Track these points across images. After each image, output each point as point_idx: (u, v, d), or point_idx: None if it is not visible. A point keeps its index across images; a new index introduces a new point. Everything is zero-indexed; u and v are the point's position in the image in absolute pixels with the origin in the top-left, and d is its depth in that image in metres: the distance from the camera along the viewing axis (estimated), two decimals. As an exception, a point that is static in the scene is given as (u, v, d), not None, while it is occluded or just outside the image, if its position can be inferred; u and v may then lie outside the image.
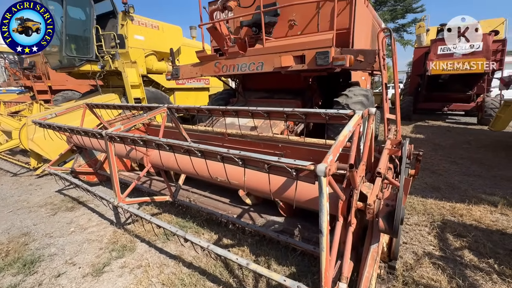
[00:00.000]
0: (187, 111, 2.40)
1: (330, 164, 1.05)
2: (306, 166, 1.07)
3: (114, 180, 2.06)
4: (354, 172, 1.20)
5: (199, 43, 9.10)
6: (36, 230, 2.68)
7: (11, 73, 11.41)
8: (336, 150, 1.16)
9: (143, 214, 2.00)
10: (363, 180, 1.50)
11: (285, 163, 1.11)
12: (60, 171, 3.40)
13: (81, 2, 5.80)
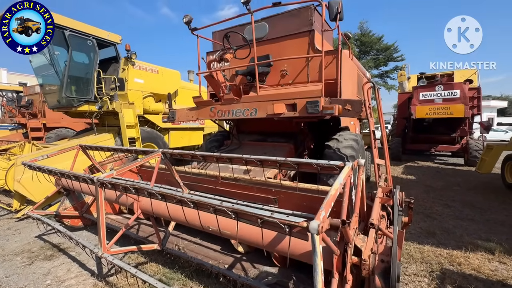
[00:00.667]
0: (182, 156, 2.43)
1: (322, 221, 1.06)
2: (299, 223, 1.07)
3: (101, 228, 1.97)
4: (347, 228, 1.20)
5: (196, 86, 9.55)
6: (8, 284, 2.45)
7: (7, 110, 11.50)
8: (328, 205, 1.17)
9: (128, 266, 1.88)
10: (356, 232, 1.49)
11: (278, 219, 1.11)
12: (43, 215, 3.25)
13: (86, 48, 6.17)
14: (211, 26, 3.85)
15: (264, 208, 2.35)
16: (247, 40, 3.57)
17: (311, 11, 3.87)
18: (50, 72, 6.09)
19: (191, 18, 3.54)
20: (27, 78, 38.00)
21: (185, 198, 1.43)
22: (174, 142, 7.95)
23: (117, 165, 4.04)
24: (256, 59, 3.27)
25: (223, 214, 1.33)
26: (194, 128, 8.72)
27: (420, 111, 8.68)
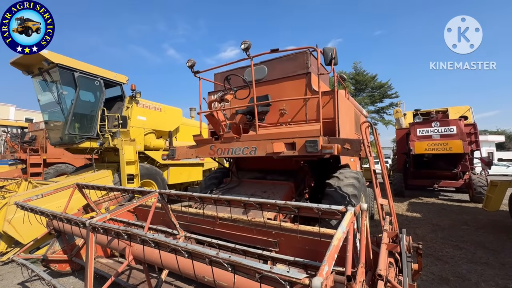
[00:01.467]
0: (179, 197, 2.37)
1: (326, 277, 0.97)
2: (300, 280, 0.99)
3: (88, 277, 1.83)
4: (354, 285, 1.11)
5: (197, 122, 9.77)
6: None
7: (10, 145, 11.61)
8: (331, 258, 1.09)
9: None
10: (364, 286, 1.37)
11: (277, 274, 1.03)
12: (29, 260, 3.05)
13: (93, 87, 6.45)
14: (213, 69, 4.06)
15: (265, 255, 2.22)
16: (247, 81, 3.74)
17: (307, 56, 4.12)
18: (56, 110, 6.29)
19: (194, 62, 3.75)
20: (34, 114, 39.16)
21: (179, 247, 1.35)
22: (174, 178, 7.87)
23: (112, 204, 3.93)
24: (255, 99, 3.38)
25: (219, 266, 1.24)
26: (193, 164, 8.69)
27: (419, 147, 8.72)
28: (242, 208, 2.01)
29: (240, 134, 3.64)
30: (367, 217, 1.64)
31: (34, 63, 5.95)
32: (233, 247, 2.37)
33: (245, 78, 4.01)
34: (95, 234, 1.93)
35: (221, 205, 2.12)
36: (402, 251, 1.64)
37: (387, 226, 2.18)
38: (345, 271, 1.26)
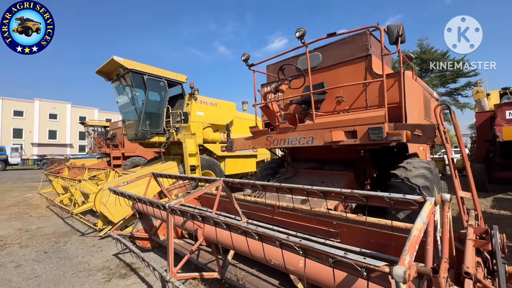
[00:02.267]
0: (242, 185, 2.51)
1: (408, 266, 0.92)
2: (379, 267, 0.96)
3: (170, 253, 2.11)
4: (440, 278, 1.02)
5: (250, 115, 10.05)
6: (91, 298, 2.75)
7: (97, 142, 13.85)
8: (413, 248, 1.03)
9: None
10: (448, 283, 1.25)
11: (353, 260, 1.02)
12: (121, 235, 3.65)
13: (159, 88, 7.20)
14: (267, 60, 4.09)
15: (328, 244, 2.20)
16: (301, 70, 3.67)
17: (367, 37, 3.81)
18: (130, 110, 7.24)
19: (249, 56, 3.84)
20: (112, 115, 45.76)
21: (250, 229, 1.44)
22: (230, 169, 8.31)
23: (181, 191, 4.39)
24: (311, 87, 3.30)
25: (289, 249, 1.29)
26: (247, 156, 9.01)
27: (508, 133, 7.29)
28: (304, 196, 2.01)
29: (296, 124, 3.62)
30: (450, 209, 1.48)
31: (112, 70, 6.93)
32: (294, 235, 2.41)
33: (299, 67, 3.95)
34: (173, 216, 2.19)
35: (283, 193, 2.17)
36: (496, 249, 1.43)
37: (472, 221, 1.92)
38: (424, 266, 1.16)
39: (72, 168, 7.98)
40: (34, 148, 38.20)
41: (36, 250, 4.07)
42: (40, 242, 4.44)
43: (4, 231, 5.08)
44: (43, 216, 6.30)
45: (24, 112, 39.05)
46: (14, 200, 8.30)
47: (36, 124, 39.66)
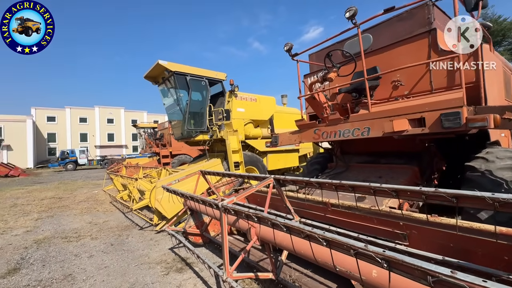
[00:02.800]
0: (295, 183, 2.36)
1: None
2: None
3: (225, 252, 2.07)
4: None
5: (290, 109, 9.80)
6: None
7: (148, 143, 15.00)
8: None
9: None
10: None
11: (467, 283, 0.80)
12: (175, 231, 3.81)
13: (201, 87, 7.40)
14: (311, 49, 3.83)
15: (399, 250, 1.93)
16: (352, 54, 3.34)
17: (429, 9, 3.30)
18: (176, 110, 7.59)
19: (292, 45, 3.63)
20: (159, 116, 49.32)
21: (316, 234, 1.28)
22: (272, 165, 8.21)
23: (228, 188, 4.42)
24: (365, 72, 2.97)
25: (368, 259, 1.10)
26: (289, 150, 8.81)
27: None
28: (371, 194, 1.78)
29: (347, 115, 3.32)
30: None
31: (158, 74, 7.33)
32: (355, 237, 2.19)
33: (348, 52, 3.61)
34: (227, 215, 2.15)
35: (343, 191, 1.96)
36: None
37: None
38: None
39: (128, 167, 8.73)
40: (96, 149, 43.30)
41: (104, 242, 4.50)
42: (107, 235, 4.91)
43: (78, 224, 5.76)
44: (108, 211, 7.01)
45: (87, 119, 44.42)
46: (84, 197, 9.42)
47: (97, 129, 44.84)
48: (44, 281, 3.19)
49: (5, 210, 7.40)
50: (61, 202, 8.44)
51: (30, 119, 37.72)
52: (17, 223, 6.02)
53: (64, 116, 42.53)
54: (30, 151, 36.91)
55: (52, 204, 8.14)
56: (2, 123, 35.58)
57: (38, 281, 3.21)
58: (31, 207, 7.83)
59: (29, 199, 9.34)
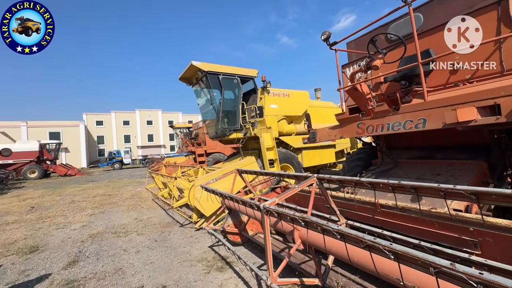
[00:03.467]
0: (341, 182, 2.16)
1: None
2: None
3: (269, 256, 1.96)
4: None
5: (325, 103, 9.37)
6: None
7: (184, 142, 15.63)
8: None
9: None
10: None
11: None
12: (214, 230, 3.83)
13: (233, 86, 7.41)
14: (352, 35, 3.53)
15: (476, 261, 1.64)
16: (400, 37, 2.98)
17: (497, -25, 2.79)
18: (210, 110, 7.72)
19: (330, 34, 3.37)
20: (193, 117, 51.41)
21: (381, 245, 1.10)
22: (307, 161, 7.95)
23: (265, 186, 4.32)
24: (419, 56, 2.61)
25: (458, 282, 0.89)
26: (325, 146, 8.44)
27: None
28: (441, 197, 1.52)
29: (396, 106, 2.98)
30: None
31: (192, 75, 7.50)
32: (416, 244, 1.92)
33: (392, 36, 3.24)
34: (269, 217, 2.03)
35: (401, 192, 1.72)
36: None
37: None
38: None
39: (168, 166, 9.14)
40: (138, 150, 46.63)
41: (149, 238, 4.73)
42: (151, 231, 5.16)
43: (125, 220, 6.16)
44: (151, 207, 7.42)
45: (129, 121, 48.00)
46: (129, 194, 10.13)
47: (139, 130, 48.22)
48: (98, 274, 3.42)
49: (65, 206, 8.25)
50: (110, 199, 9.16)
51: (82, 124, 41.95)
52: (74, 218, 6.65)
53: (110, 120, 46.49)
54: (83, 153, 41.11)
55: (103, 201, 8.88)
56: (60, 128, 40.11)
57: (93, 273, 3.46)
58: (86, 203, 8.63)
59: (84, 196, 10.33)
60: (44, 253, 4.30)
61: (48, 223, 6.25)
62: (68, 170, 22.49)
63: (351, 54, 4.54)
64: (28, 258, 4.12)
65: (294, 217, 1.68)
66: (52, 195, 11.10)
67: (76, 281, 3.27)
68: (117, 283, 3.16)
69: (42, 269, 3.70)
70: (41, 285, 3.18)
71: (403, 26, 3.72)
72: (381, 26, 4.09)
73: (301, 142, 7.73)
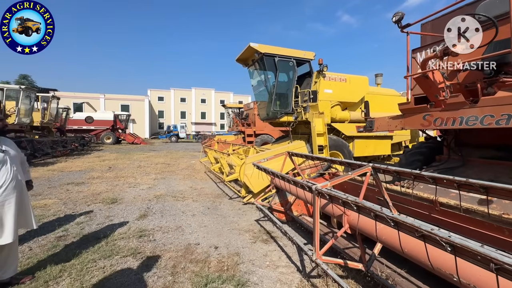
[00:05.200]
0: (398, 174, 2.11)
1: None
2: None
3: (316, 235, 2.09)
4: None
5: (385, 90, 8.65)
6: (244, 254, 3.27)
7: (235, 121, 16.30)
8: None
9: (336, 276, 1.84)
10: None
11: None
12: (262, 205, 4.11)
13: (288, 68, 7.36)
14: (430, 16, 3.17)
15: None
16: (491, 18, 2.59)
17: None
18: (263, 91, 7.87)
19: (403, 15, 3.10)
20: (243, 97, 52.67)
21: (438, 236, 1.12)
22: (359, 151, 7.62)
23: (313, 171, 4.38)
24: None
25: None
26: (381, 137, 7.91)
27: None
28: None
29: (475, 98, 2.67)
30: None
31: (249, 57, 7.66)
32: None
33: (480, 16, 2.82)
34: (319, 199, 2.14)
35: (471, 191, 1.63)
36: None
37: None
38: None
39: (220, 142, 9.78)
40: (192, 126, 50.25)
41: (202, 205, 5.31)
42: (204, 199, 5.75)
43: (182, 187, 6.95)
44: (203, 179, 8.17)
45: (186, 99, 51.62)
46: (185, 165, 11.22)
47: (193, 107, 51.66)
48: (163, 228, 4.05)
49: (134, 170, 9.62)
50: (169, 168, 10.32)
51: (147, 99, 46.75)
52: (142, 180, 7.76)
53: (170, 96, 50.69)
54: (146, 125, 46.19)
55: (163, 168, 10.07)
56: (130, 102, 45.43)
57: (159, 227, 4.10)
58: (150, 169, 9.91)
59: (148, 162, 11.83)
60: (121, 205, 5.21)
61: (122, 182, 7.44)
62: (135, 139, 25.72)
63: (424, 37, 4.09)
64: (110, 208, 5.05)
65: (347, 200, 1.75)
66: (123, 159, 12.97)
67: (147, 230, 3.93)
68: (178, 237, 3.71)
69: (121, 217, 4.53)
70: (122, 229, 3.93)
71: (497, 4, 3.18)
72: (469, 5, 3.57)
73: (354, 130, 7.40)
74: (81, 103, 40.03)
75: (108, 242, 3.47)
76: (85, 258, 3.03)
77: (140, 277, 2.69)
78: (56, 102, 18.06)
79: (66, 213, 4.70)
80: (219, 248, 3.43)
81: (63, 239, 3.58)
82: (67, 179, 7.69)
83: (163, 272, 2.81)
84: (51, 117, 17.09)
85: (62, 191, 6.21)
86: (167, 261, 3.05)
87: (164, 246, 3.44)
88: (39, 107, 15.62)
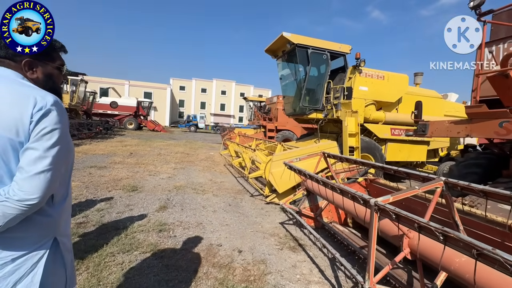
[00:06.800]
0: (486, 195, 1.67)
1: None
2: None
3: (371, 260, 1.72)
4: None
5: (425, 91, 7.90)
6: (270, 262, 2.95)
7: (256, 115, 15.96)
8: None
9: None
10: None
11: None
12: (291, 209, 3.77)
13: (321, 61, 6.86)
14: None
15: None
16: None
17: None
18: (292, 85, 7.43)
19: (483, 0, 2.57)
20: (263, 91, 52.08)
21: None
22: (391, 155, 7.03)
23: (349, 175, 3.97)
24: None
25: None
26: (416, 141, 7.26)
27: None
28: None
29: None
30: None
31: (280, 47, 7.23)
32: None
33: None
34: (378, 215, 1.76)
35: None
36: None
37: None
38: None
39: (241, 136, 9.50)
40: (211, 117, 50.55)
41: (223, 201, 5.05)
42: (225, 195, 5.50)
43: (202, 179, 6.75)
44: (223, 172, 7.94)
45: (206, 89, 51.88)
46: (204, 156, 11.09)
47: (213, 99, 51.84)
48: (184, 224, 3.83)
49: (155, 157, 9.59)
50: (188, 158, 10.22)
51: (169, 87, 47.44)
52: (162, 168, 7.66)
53: (191, 86, 51.14)
54: (167, 113, 47.00)
55: (183, 158, 9.98)
56: (152, 89, 46.32)
57: (179, 222, 3.88)
58: (170, 157, 9.85)
59: (168, 151, 11.82)
60: (141, 194, 5.08)
61: (143, 169, 7.38)
62: (156, 126, 26.13)
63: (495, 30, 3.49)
64: (131, 196, 4.93)
65: (428, 226, 1.36)
66: (144, 145, 13.08)
67: (167, 224, 3.73)
68: (199, 236, 3.46)
69: (141, 207, 4.37)
70: (142, 222, 3.75)
71: None
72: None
73: (389, 132, 6.82)
74: (107, 88, 41.30)
75: (128, 234, 3.29)
76: (104, 251, 2.85)
77: (160, 280, 2.46)
78: (84, 85, 18.58)
79: (88, 197, 4.62)
80: (243, 252, 3.14)
81: (83, 226, 3.45)
82: (90, 162, 7.75)
83: (184, 275, 2.56)
84: (79, 100, 17.61)
85: (85, 174, 6.21)
86: (188, 262, 2.80)
87: (185, 244, 3.20)
88: (68, 90, 16.10)
